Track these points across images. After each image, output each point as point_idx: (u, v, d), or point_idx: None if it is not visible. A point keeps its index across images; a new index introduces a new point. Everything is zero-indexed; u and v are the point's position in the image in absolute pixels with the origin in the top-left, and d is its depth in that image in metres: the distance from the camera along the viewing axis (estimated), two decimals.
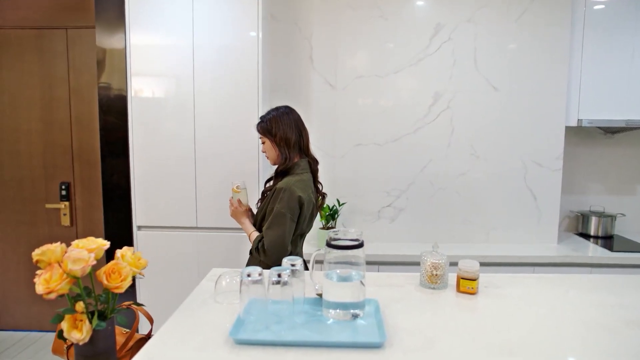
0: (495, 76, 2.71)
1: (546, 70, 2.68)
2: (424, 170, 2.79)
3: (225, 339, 1.07)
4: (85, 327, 1.08)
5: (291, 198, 1.77)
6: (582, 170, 3.06)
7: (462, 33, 2.68)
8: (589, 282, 1.58)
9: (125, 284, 1.12)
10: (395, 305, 1.30)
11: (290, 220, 1.77)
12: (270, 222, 1.78)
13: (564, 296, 1.41)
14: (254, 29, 2.40)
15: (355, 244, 1.20)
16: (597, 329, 1.17)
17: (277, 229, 1.77)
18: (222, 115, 2.46)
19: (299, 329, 1.12)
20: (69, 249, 1.10)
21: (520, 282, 1.52)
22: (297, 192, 1.78)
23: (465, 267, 1.40)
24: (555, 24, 2.64)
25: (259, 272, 1.12)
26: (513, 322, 1.20)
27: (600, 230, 2.94)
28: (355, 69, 2.75)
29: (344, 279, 1.20)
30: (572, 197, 3.06)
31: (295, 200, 1.78)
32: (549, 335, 1.13)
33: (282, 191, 1.79)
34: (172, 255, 2.53)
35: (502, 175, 2.78)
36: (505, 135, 2.74)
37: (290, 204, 1.77)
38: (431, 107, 2.74)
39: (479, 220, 2.81)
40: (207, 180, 2.49)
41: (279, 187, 1.81)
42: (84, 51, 3.01)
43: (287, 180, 1.83)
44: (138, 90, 2.46)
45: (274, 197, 1.81)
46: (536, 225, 2.79)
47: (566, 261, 2.53)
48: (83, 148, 3.11)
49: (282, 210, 1.77)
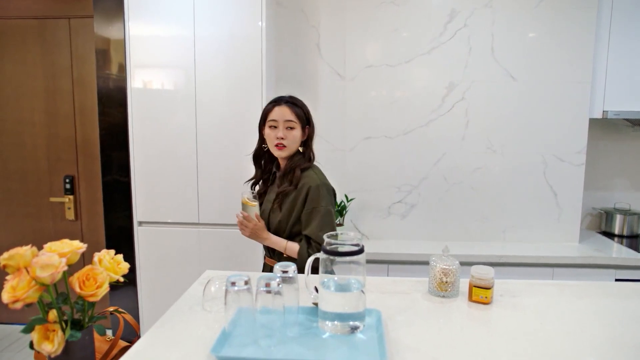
0: (513, 65, 2.55)
1: (569, 58, 2.51)
2: (437, 165, 2.65)
3: (208, 354, 0.97)
4: (57, 338, 0.99)
5: (329, 193, 1.71)
6: (606, 165, 2.88)
7: (479, 19, 2.53)
8: (617, 291, 1.44)
9: (101, 292, 1.03)
10: (400, 317, 1.18)
11: (335, 216, 1.71)
12: (322, 223, 1.64)
13: (588, 307, 1.28)
14: (257, 17, 2.28)
15: (355, 250, 1.08)
16: (625, 349, 1.03)
17: (330, 228, 1.64)
18: (224, 108, 2.36)
19: (291, 344, 1.01)
20: (40, 253, 1.01)
21: (539, 291, 1.39)
22: (330, 186, 1.73)
23: (478, 274, 1.27)
24: (580, 9, 2.47)
25: (245, 280, 1.01)
26: (531, 339, 1.08)
27: (625, 229, 2.77)
28: (364, 58, 2.62)
29: (342, 288, 1.08)
30: (595, 194, 2.89)
31: (332, 194, 1.73)
32: (572, 354, 1.00)
33: (319, 188, 1.67)
34: (173, 252, 2.45)
35: (520, 170, 2.62)
36: (524, 127, 2.59)
37: (330, 199, 1.70)
38: (445, 98, 2.59)
39: (495, 218, 2.67)
40: (209, 175, 2.40)
41: (313, 184, 1.67)
42: (87, 41, 2.93)
43: (312, 175, 1.70)
44: (138, 82, 2.38)
45: (310, 197, 1.65)
46: (556, 224, 2.64)
47: (588, 262, 2.37)
48: (87, 141, 3.04)
49: (329, 208, 1.67)
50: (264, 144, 1.80)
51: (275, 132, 1.70)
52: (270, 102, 1.77)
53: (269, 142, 1.74)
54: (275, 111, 1.71)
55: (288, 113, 1.70)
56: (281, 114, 1.70)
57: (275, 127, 1.70)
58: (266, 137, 1.75)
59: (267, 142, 1.75)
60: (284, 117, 1.69)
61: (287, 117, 1.70)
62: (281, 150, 1.71)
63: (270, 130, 1.72)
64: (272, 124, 1.71)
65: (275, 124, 1.70)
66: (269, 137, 1.73)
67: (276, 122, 1.70)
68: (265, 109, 1.76)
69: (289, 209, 1.70)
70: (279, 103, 1.72)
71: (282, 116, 1.69)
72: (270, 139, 1.72)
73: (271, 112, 1.72)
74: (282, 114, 1.70)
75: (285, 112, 1.70)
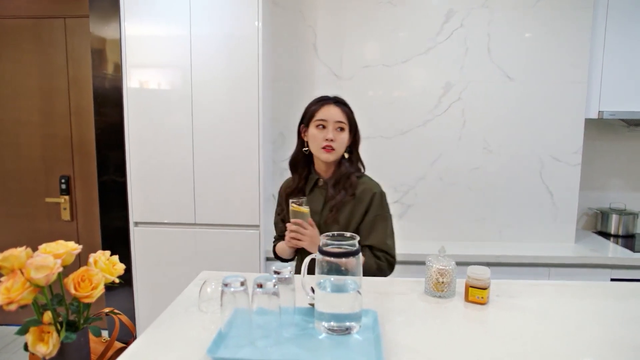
0: (510, 65, 2.55)
1: (565, 58, 2.52)
2: (433, 165, 2.65)
3: (204, 355, 0.97)
4: (52, 340, 0.98)
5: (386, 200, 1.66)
6: (602, 165, 2.89)
7: (475, 19, 2.53)
8: (614, 291, 1.44)
9: (97, 293, 1.02)
10: (397, 318, 1.18)
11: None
12: (388, 231, 1.61)
13: (585, 308, 1.28)
14: (254, 17, 2.27)
15: (352, 251, 1.08)
16: (625, 350, 1.04)
17: (393, 236, 1.62)
18: (221, 108, 2.35)
19: (287, 345, 1.01)
20: (34, 254, 1.00)
21: (536, 291, 1.39)
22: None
23: (474, 274, 1.27)
24: (576, 9, 2.47)
25: (240, 280, 1.01)
26: (527, 340, 1.07)
27: (621, 229, 2.78)
28: (361, 58, 2.62)
29: (338, 289, 1.08)
30: (591, 194, 2.90)
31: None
32: (569, 354, 1.01)
33: (382, 195, 1.62)
34: (169, 252, 2.44)
35: (516, 171, 2.63)
36: (521, 128, 2.59)
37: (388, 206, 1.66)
38: (441, 98, 2.60)
39: (492, 218, 2.67)
40: (205, 175, 2.39)
41: (376, 191, 1.61)
42: (83, 41, 2.92)
43: (370, 182, 1.64)
44: (134, 82, 2.36)
45: (375, 204, 1.59)
46: (552, 224, 2.64)
47: (584, 262, 2.38)
48: (83, 141, 3.03)
49: (390, 213, 1.64)
50: (304, 146, 1.64)
51: (323, 133, 1.55)
52: (316, 100, 1.63)
53: (314, 143, 1.58)
54: (324, 110, 1.56)
55: (338, 113, 1.57)
56: (331, 113, 1.56)
57: (324, 127, 1.55)
58: (310, 138, 1.59)
59: (311, 144, 1.60)
60: (334, 117, 1.56)
61: (338, 118, 1.56)
62: (329, 154, 1.56)
63: (317, 131, 1.56)
64: (321, 124, 1.56)
65: (325, 124, 1.55)
66: (315, 138, 1.57)
67: (325, 122, 1.55)
68: (310, 108, 1.61)
69: (348, 219, 1.58)
70: (327, 102, 1.59)
71: (332, 116, 1.55)
72: (317, 140, 1.56)
73: (319, 111, 1.57)
74: (332, 114, 1.56)
75: (335, 112, 1.56)
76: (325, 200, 1.61)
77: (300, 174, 1.66)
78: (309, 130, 1.60)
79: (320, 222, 1.59)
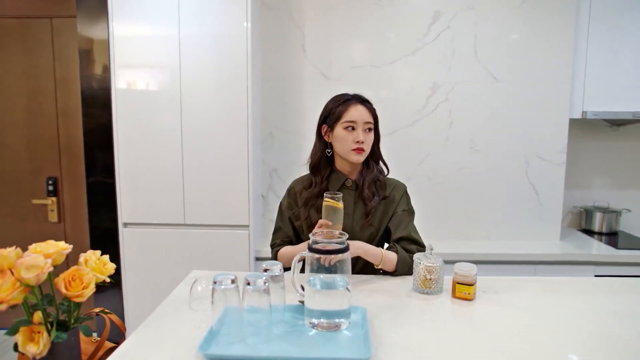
0: (496, 66, 2.59)
1: (550, 60, 2.57)
2: (421, 165, 2.68)
3: (195, 353, 0.98)
4: (42, 339, 0.98)
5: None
6: (586, 164, 2.94)
7: (462, 21, 2.57)
8: (595, 287, 1.48)
9: (87, 292, 1.02)
10: (385, 314, 1.20)
11: None
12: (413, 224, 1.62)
13: (568, 303, 1.31)
14: (243, 17, 2.28)
15: (341, 248, 1.10)
16: (605, 342, 1.07)
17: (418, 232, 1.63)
18: (210, 108, 2.35)
19: (277, 342, 1.02)
20: (24, 254, 1.00)
21: (521, 287, 1.42)
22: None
23: (461, 271, 1.30)
24: (560, 11, 2.52)
25: (231, 278, 1.02)
26: (513, 335, 1.10)
27: (604, 227, 2.83)
28: (350, 59, 2.64)
29: (328, 286, 1.10)
30: (576, 192, 2.95)
31: None
32: (551, 348, 1.03)
33: (407, 192, 1.65)
34: (159, 253, 2.43)
35: (503, 170, 2.67)
36: (507, 128, 2.63)
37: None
38: (429, 99, 2.63)
39: (479, 217, 2.71)
40: (195, 176, 2.39)
41: (403, 187, 1.64)
42: (70, 41, 2.89)
43: (394, 180, 1.66)
44: (122, 83, 2.36)
45: (404, 200, 1.61)
46: (538, 222, 2.69)
47: (569, 259, 2.42)
48: (70, 142, 3.01)
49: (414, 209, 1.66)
50: (327, 147, 1.59)
51: (353, 135, 1.49)
52: (340, 100, 1.55)
53: (343, 145, 1.51)
54: (352, 111, 1.50)
55: (366, 113, 1.51)
56: (360, 114, 1.50)
57: (353, 128, 1.49)
58: (338, 140, 1.52)
59: (338, 145, 1.53)
60: (363, 118, 1.50)
61: (367, 119, 1.50)
62: (360, 155, 1.51)
63: (346, 133, 1.49)
64: (350, 125, 1.49)
65: (354, 125, 1.49)
66: (344, 139, 1.50)
67: (355, 123, 1.49)
68: (336, 109, 1.53)
69: (380, 220, 1.58)
70: (352, 102, 1.52)
71: (362, 117, 1.50)
72: (347, 142, 1.49)
73: (346, 112, 1.50)
74: (361, 115, 1.50)
75: (364, 113, 1.51)
76: (355, 201, 1.57)
77: (323, 175, 1.58)
78: (334, 131, 1.52)
79: (354, 226, 1.55)
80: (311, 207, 1.56)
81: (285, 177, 2.73)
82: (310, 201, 1.56)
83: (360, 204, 1.55)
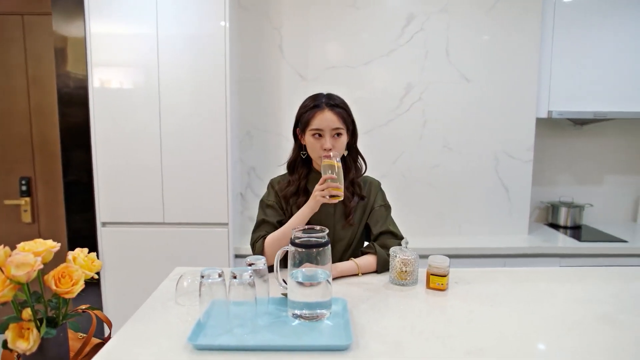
0: (467, 67, 2.69)
1: (518, 62, 2.68)
2: (396, 163, 2.76)
3: (184, 344, 1.02)
4: (32, 335, 1.01)
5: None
6: (552, 162, 3.08)
7: (435, 23, 2.65)
8: (559, 276, 1.58)
9: (77, 289, 1.05)
10: (364, 304, 1.26)
11: None
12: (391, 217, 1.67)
13: (534, 292, 1.40)
14: (221, 17, 2.31)
15: (322, 242, 1.15)
16: (567, 326, 1.15)
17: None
18: (189, 107, 2.38)
19: (263, 332, 1.08)
20: (13, 252, 1.02)
21: (490, 277, 1.50)
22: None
23: (435, 263, 1.37)
24: (526, 16, 2.64)
25: (218, 272, 1.07)
26: (483, 321, 1.18)
27: (569, 221, 2.98)
28: (326, 60, 2.70)
29: (309, 278, 1.15)
30: (543, 188, 3.09)
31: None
32: (520, 333, 1.11)
33: (380, 186, 1.71)
34: (138, 252, 2.45)
35: (474, 167, 2.77)
36: (478, 127, 2.74)
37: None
38: (403, 99, 2.71)
39: (452, 213, 2.81)
40: (173, 174, 2.41)
41: (377, 183, 1.70)
42: (43, 39, 2.86)
43: (369, 177, 1.71)
44: (100, 81, 2.36)
45: (379, 196, 1.67)
46: (508, 217, 2.81)
47: (536, 252, 2.55)
48: (44, 141, 2.97)
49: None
50: (302, 150, 1.60)
51: (321, 142, 1.49)
52: (308, 104, 1.54)
53: (312, 151, 1.53)
54: (318, 118, 1.48)
55: (334, 120, 1.49)
56: (326, 122, 1.48)
57: (321, 135, 1.49)
58: (309, 145, 1.54)
59: (310, 151, 1.55)
60: (329, 125, 1.48)
61: (334, 125, 1.49)
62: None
63: (314, 140, 1.50)
64: (316, 132, 1.49)
65: (321, 132, 1.49)
66: (313, 147, 1.51)
67: (322, 131, 1.48)
68: (304, 115, 1.53)
69: (360, 219, 1.62)
70: (320, 107, 1.50)
71: (328, 124, 1.48)
72: (316, 150, 1.50)
73: (313, 119, 1.49)
74: (328, 122, 1.48)
75: (331, 119, 1.48)
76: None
77: (300, 174, 1.60)
78: (305, 136, 1.54)
79: (336, 225, 1.59)
80: (293, 205, 1.60)
81: (263, 175, 2.77)
82: (290, 199, 1.60)
83: (340, 205, 1.57)
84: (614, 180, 3.12)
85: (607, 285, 1.46)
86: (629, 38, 2.68)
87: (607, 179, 3.12)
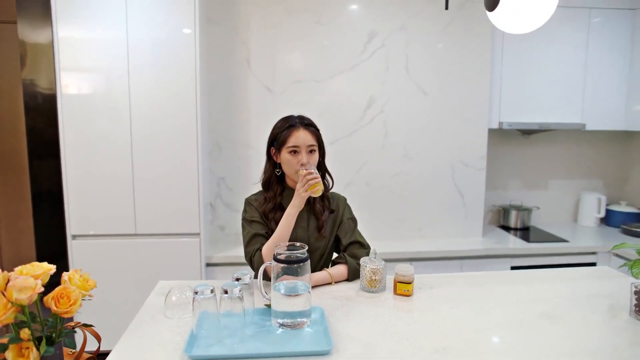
0: (425, 81, 2.87)
1: (471, 76, 2.89)
2: (360, 172, 2.91)
3: (180, 355, 1.11)
4: (32, 354, 1.07)
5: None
6: (503, 168, 3.33)
7: (395, 40, 2.82)
8: (509, 279, 1.77)
9: (75, 308, 1.12)
10: (338, 311, 1.39)
11: None
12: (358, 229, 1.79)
13: (488, 294, 1.57)
14: (191, 25, 2.37)
15: (302, 258, 1.27)
16: (515, 324, 1.33)
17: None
18: (159, 115, 2.42)
19: (251, 341, 1.18)
20: (12, 276, 1.08)
21: (450, 282, 1.67)
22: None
23: (401, 271, 1.52)
24: (478, 34, 2.85)
25: (210, 289, 1.17)
26: (445, 322, 1.33)
27: (519, 223, 3.23)
28: (292, 74, 2.81)
29: (291, 290, 1.27)
30: (495, 193, 3.33)
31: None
32: (477, 331, 1.27)
33: (346, 201, 1.83)
34: (110, 264, 2.47)
35: (432, 175, 2.96)
36: (435, 137, 2.93)
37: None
38: (366, 111, 2.86)
39: (412, 217, 2.99)
40: (145, 184, 2.45)
41: (341, 198, 1.82)
42: (6, 48, 2.82)
43: (335, 193, 1.82)
44: (68, 88, 2.35)
45: (347, 210, 1.80)
46: (463, 220, 3.01)
47: (490, 253, 2.77)
48: (6, 152, 2.93)
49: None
50: (277, 168, 1.71)
51: (297, 158, 1.61)
52: (283, 125, 1.66)
53: (289, 167, 1.64)
54: (295, 136, 1.62)
55: (309, 137, 1.63)
56: (302, 139, 1.62)
57: (297, 151, 1.62)
58: (285, 162, 1.65)
59: (286, 167, 1.66)
60: (305, 142, 1.62)
61: (309, 142, 1.63)
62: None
63: (291, 156, 1.62)
64: (293, 149, 1.62)
65: (297, 149, 1.62)
66: (289, 162, 1.63)
67: (298, 147, 1.61)
68: (279, 135, 1.65)
69: (331, 231, 1.74)
70: (295, 126, 1.63)
71: (304, 141, 1.62)
72: (292, 165, 1.62)
73: (290, 137, 1.62)
74: (304, 139, 1.62)
75: (307, 137, 1.63)
76: (308, 216, 1.71)
77: (276, 191, 1.71)
78: (281, 154, 1.65)
79: (310, 238, 1.70)
80: (271, 220, 1.69)
81: (232, 186, 2.85)
82: (269, 214, 1.70)
83: (313, 218, 1.71)
84: (557, 184, 3.40)
85: (550, 286, 1.65)
86: (569, 58, 2.96)
87: (551, 184, 3.40)
